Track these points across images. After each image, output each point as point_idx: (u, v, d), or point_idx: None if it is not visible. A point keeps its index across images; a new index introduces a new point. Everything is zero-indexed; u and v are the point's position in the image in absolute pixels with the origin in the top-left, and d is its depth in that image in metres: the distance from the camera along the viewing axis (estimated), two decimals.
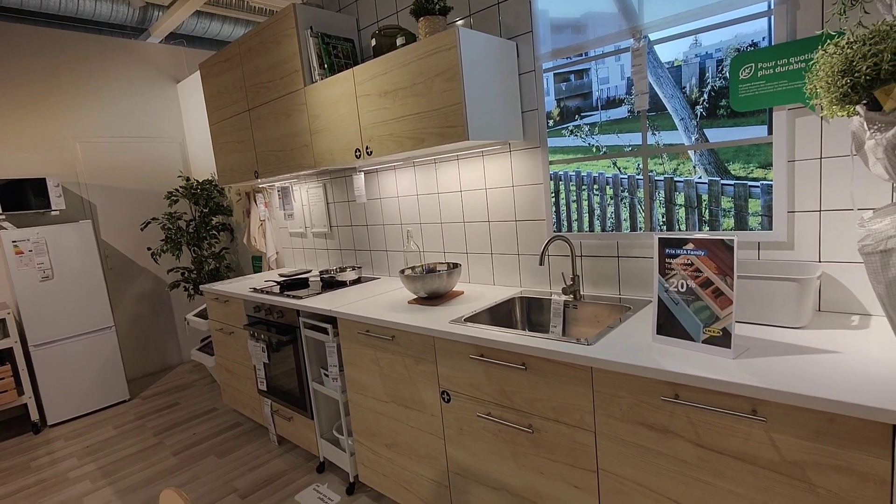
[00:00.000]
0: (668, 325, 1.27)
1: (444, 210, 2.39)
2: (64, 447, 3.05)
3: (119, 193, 4.03)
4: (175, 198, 3.82)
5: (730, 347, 1.15)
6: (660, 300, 1.28)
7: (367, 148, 2.09)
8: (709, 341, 1.18)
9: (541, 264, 1.72)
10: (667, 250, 1.26)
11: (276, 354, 2.54)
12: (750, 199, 1.48)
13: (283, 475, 2.46)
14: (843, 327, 1.26)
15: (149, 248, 3.78)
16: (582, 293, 1.91)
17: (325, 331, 2.21)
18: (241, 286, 2.96)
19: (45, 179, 3.40)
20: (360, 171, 2.61)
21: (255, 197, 3.59)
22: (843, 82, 0.84)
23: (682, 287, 1.24)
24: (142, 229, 3.73)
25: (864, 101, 0.88)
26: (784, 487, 1.02)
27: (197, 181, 3.97)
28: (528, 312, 1.98)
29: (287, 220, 3.44)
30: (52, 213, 3.61)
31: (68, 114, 3.77)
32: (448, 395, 1.69)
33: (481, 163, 2.17)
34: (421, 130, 1.85)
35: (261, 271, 3.78)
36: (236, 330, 2.91)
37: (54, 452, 2.99)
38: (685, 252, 1.23)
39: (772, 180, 1.43)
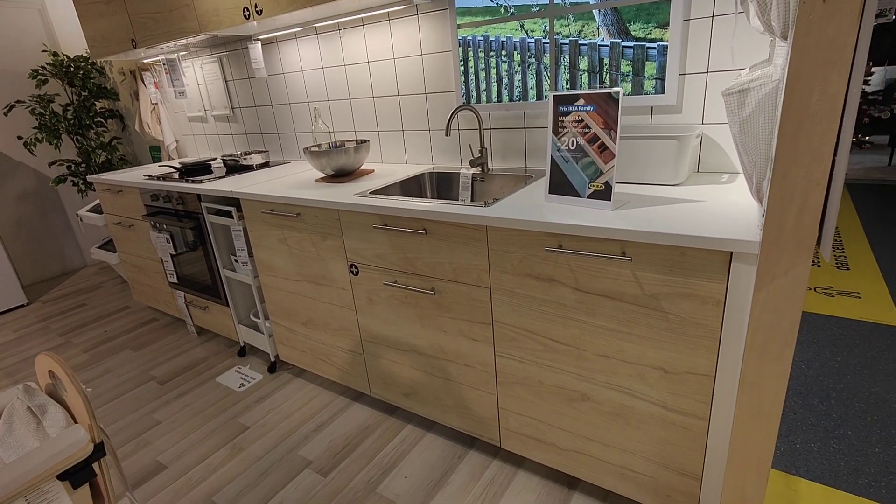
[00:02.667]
0: (559, 183, 1.31)
1: (352, 84, 2.23)
2: None
3: None
4: (43, 77, 3.27)
5: (610, 200, 1.21)
6: (552, 160, 1.31)
7: (255, 6, 1.84)
8: (593, 195, 1.25)
9: (447, 135, 1.69)
10: (560, 108, 1.27)
11: (183, 244, 2.41)
12: (647, 62, 1.49)
13: (204, 361, 2.48)
14: (714, 183, 1.37)
15: (20, 138, 3.29)
16: (490, 166, 1.93)
17: (228, 214, 2.11)
18: (135, 175, 2.71)
19: None
20: (255, 40, 2.33)
21: (142, 76, 3.16)
22: None
23: (572, 145, 1.26)
24: (5, 114, 3.21)
25: None
26: (643, 317, 1.15)
27: (68, 57, 3.40)
28: (438, 187, 1.98)
29: (180, 100, 3.09)
30: None
31: None
32: (356, 267, 1.71)
33: (388, 29, 2.00)
34: None
35: (160, 162, 3.46)
36: (136, 222, 2.70)
37: None
38: (576, 108, 1.23)
39: (668, 41, 1.43)
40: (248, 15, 1.88)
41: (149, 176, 2.54)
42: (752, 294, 0.92)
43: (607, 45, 1.54)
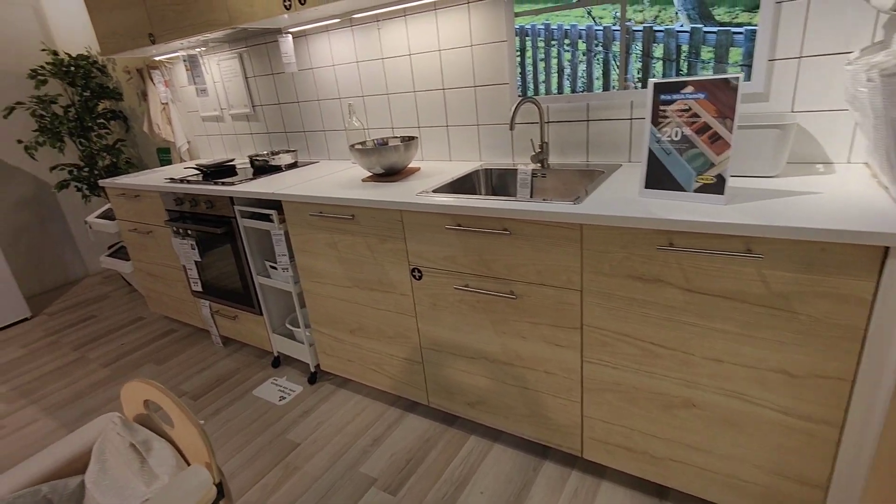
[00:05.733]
0: (657, 177, 1.23)
1: (390, 79, 2.12)
2: None
3: None
4: (42, 77, 3.09)
5: (723, 193, 1.14)
6: (650, 152, 1.23)
7: None
8: (701, 189, 1.17)
9: (511, 129, 1.60)
10: (661, 97, 1.18)
11: (210, 250, 2.28)
12: (732, 48, 1.42)
13: (236, 374, 2.35)
14: (812, 174, 1.31)
15: (20, 141, 3.11)
16: (549, 162, 1.84)
17: (268, 218, 1.98)
18: (153, 178, 2.56)
19: None
20: (286, 34, 2.21)
21: (151, 74, 3.00)
22: None
23: (675, 136, 1.18)
24: (5, 116, 3.03)
25: None
26: (767, 318, 1.07)
27: (69, 56, 3.22)
28: (493, 185, 1.89)
29: (197, 99, 2.94)
30: None
31: None
32: (419, 271, 1.61)
33: (434, 19, 1.90)
34: None
35: (170, 164, 3.30)
36: (155, 228, 2.56)
37: None
38: (682, 96, 1.15)
39: (756, 25, 1.36)
40: (290, 5, 1.76)
41: (171, 179, 2.40)
42: None
43: (687, 31, 1.46)
